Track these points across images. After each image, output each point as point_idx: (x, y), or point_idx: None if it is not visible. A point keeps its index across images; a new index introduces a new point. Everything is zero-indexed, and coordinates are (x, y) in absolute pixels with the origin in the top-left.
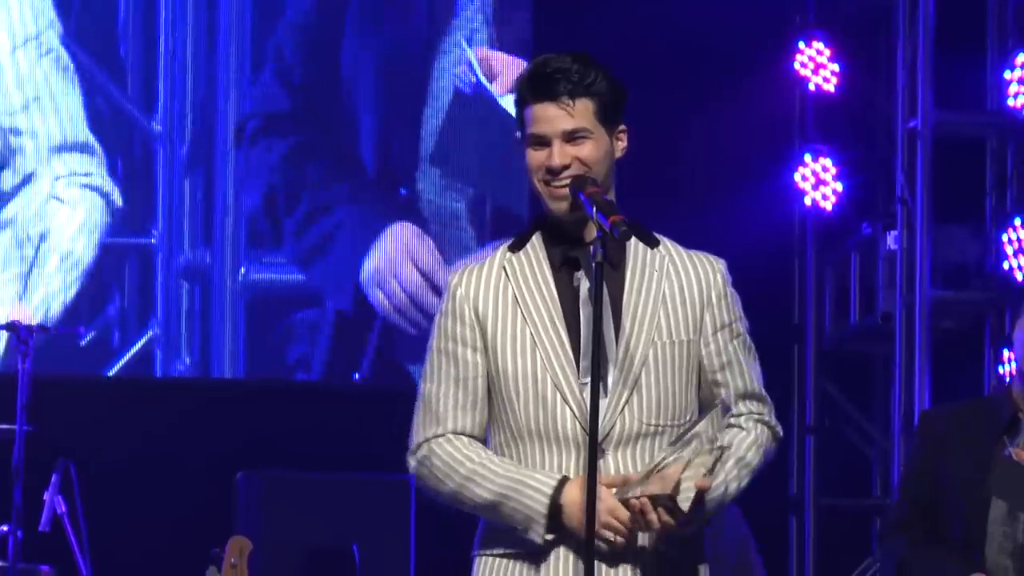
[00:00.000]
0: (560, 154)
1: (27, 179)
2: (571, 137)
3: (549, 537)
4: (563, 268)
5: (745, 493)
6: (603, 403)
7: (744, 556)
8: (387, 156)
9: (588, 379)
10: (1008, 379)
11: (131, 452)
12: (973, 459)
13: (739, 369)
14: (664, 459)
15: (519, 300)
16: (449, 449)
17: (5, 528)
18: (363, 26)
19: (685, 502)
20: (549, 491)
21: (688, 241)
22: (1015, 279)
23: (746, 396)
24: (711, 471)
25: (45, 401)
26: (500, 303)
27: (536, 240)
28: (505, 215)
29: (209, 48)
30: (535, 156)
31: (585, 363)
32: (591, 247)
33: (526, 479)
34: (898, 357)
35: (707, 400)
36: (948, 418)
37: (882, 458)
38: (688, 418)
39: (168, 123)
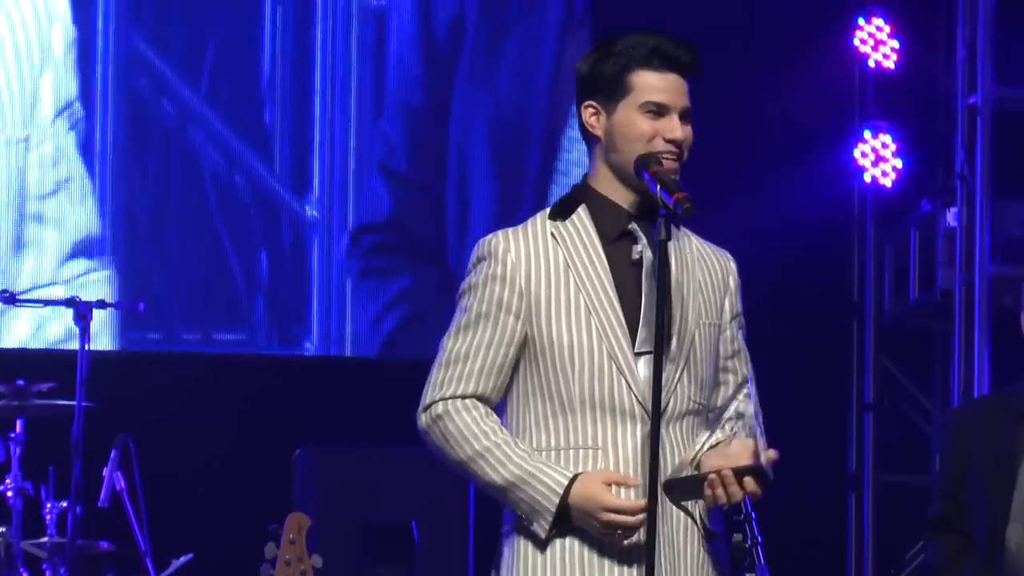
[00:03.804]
0: (682, 128)
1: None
2: (684, 115)
3: (550, 532)
4: (617, 240)
5: (804, 470)
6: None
7: None
8: None
9: (644, 351)
10: None
11: (190, 428)
12: (1000, 446)
13: (744, 356)
14: (706, 441)
15: (571, 267)
16: (466, 418)
17: (65, 504)
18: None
19: (769, 470)
20: (561, 490)
21: (749, 218)
22: None
23: (745, 382)
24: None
25: (105, 377)
26: (552, 270)
27: (583, 211)
28: None
29: (376, 120)
30: (648, 123)
31: (642, 335)
32: (657, 220)
33: (539, 473)
34: (957, 334)
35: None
36: (976, 411)
37: (941, 435)
38: (711, 400)
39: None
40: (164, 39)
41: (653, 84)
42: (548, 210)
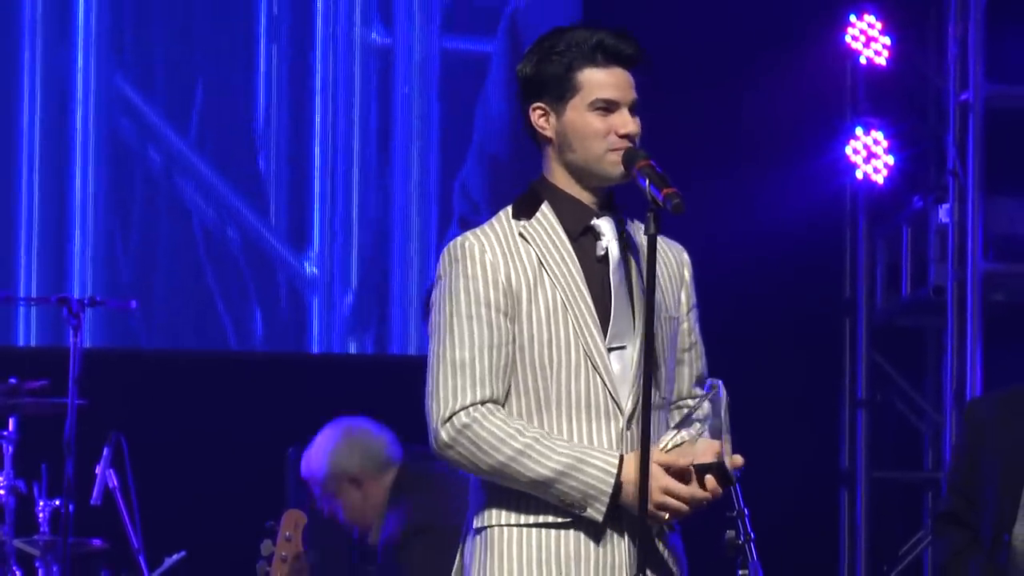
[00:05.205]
0: (633, 122)
1: None
2: (633, 108)
3: (607, 515)
4: (580, 237)
5: (797, 466)
6: (630, 374)
7: None
8: None
9: (615, 346)
10: None
11: (182, 426)
12: (1013, 442)
13: (700, 350)
14: (670, 440)
15: (544, 264)
16: (496, 421)
17: (57, 502)
18: None
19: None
20: (614, 469)
21: (741, 216)
22: None
23: (702, 381)
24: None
25: (97, 375)
26: (529, 268)
27: (546, 208)
28: None
29: (382, 168)
30: (601, 120)
31: (613, 331)
32: (615, 215)
33: (587, 456)
34: (950, 330)
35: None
36: (992, 405)
37: (933, 431)
38: (675, 395)
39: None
40: (149, 81)
41: (601, 80)
42: (510, 209)
